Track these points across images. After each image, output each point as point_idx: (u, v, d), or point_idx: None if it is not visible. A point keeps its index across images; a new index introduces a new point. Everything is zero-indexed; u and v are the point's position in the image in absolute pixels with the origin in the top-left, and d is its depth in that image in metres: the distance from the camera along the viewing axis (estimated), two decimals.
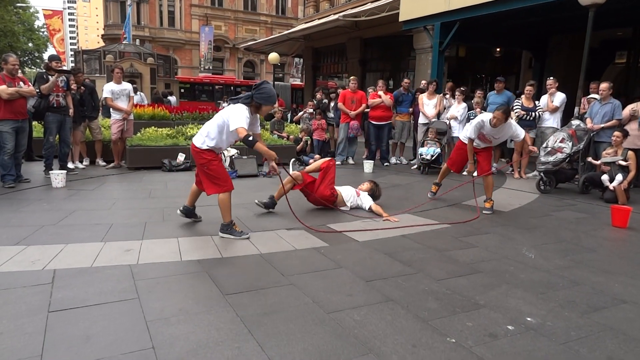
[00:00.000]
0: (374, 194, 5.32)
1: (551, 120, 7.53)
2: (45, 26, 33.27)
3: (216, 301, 2.64)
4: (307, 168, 5.40)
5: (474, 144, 5.34)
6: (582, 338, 2.33)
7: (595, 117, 6.76)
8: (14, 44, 35.90)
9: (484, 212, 5.18)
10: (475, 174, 5.44)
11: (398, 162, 9.31)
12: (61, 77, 6.51)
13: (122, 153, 7.77)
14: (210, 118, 4.23)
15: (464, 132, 5.72)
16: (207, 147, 3.89)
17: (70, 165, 7.10)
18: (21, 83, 5.93)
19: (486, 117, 5.11)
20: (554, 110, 7.46)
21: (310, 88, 20.92)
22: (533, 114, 7.47)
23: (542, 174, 6.44)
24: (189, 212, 4.41)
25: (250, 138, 3.69)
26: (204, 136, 3.92)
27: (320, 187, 4.97)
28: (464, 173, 6.54)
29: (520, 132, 5.27)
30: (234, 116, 3.76)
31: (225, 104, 19.20)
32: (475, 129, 5.17)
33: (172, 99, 17.24)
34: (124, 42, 22.65)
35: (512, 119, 7.45)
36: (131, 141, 7.66)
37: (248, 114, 3.85)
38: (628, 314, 2.64)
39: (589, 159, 6.37)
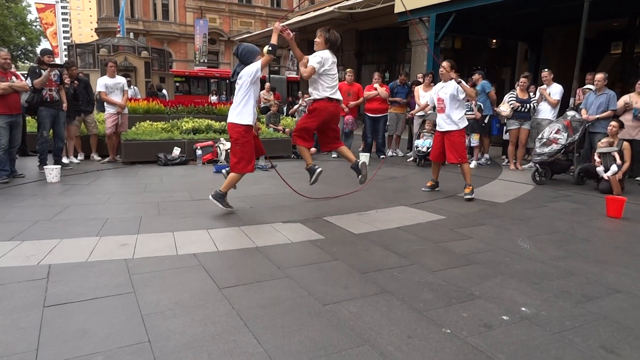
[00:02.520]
0: (330, 39, 4.62)
1: (547, 112, 7.53)
2: (38, 20, 32.97)
3: (212, 294, 2.64)
4: None
5: (436, 121, 5.68)
6: (576, 327, 2.35)
7: (590, 107, 6.78)
8: (6, 38, 35.57)
9: (464, 197, 5.35)
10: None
11: (394, 154, 9.31)
12: (54, 71, 6.46)
13: (117, 147, 7.73)
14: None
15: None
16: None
17: (64, 160, 7.06)
18: (13, 78, 5.88)
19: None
20: (555, 104, 7.47)
21: (305, 81, 20.84)
22: (528, 105, 7.47)
23: (537, 165, 6.46)
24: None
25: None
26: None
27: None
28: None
29: (462, 87, 5.30)
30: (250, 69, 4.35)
31: (214, 97, 19.05)
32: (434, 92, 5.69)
33: (164, 92, 17.12)
34: (117, 36, 22.46)
35: (505, 108, 7.50)
36: (126, 135, 7.63)
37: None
38: (622, 303, 2.66)
39: (597, 161, 6.08)
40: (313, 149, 8.82)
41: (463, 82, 5.37)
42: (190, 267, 3.08)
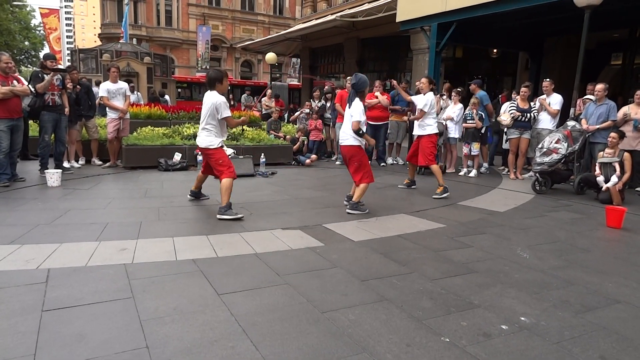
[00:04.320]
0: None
1: (547, 122, 7.55)
2: (41, 25, 33.14)
3: (211, 300, 2.64)
4: None
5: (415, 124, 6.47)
6: (576, 337, 2.34)
7: (591, 118, 6.79)
8: (10, 42, 35.75)
9: (433, 197, 5.78)
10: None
11: (395, 162, 9.32)
12: (56, 76, 6.49)
13: (118, 152, 7.74)
14: None
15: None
16: None
17: (65, 164, 7.07)
18: (15, 82, 5.90)
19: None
20: (555, 114, 7.49)
21: (307, 88, 20.93)
22: (528, 115, 7.49)
23: (537, 174, 6.46)
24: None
25: None
26: None
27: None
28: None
29: (420, 103, 6.20)
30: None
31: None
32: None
33: (167, 98, 17.17)
34: (120, 42, 22.58)
35: (505, 117, 7.51)
36: (127, 140, 7.64)
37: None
38: (621, 313, 2.66)
39: (598, 176, 6.02)
40: (313, 156, 8.89)
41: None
42: (189, 273, 3.08)
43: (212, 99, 4.65)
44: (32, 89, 6.21)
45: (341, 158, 8.96)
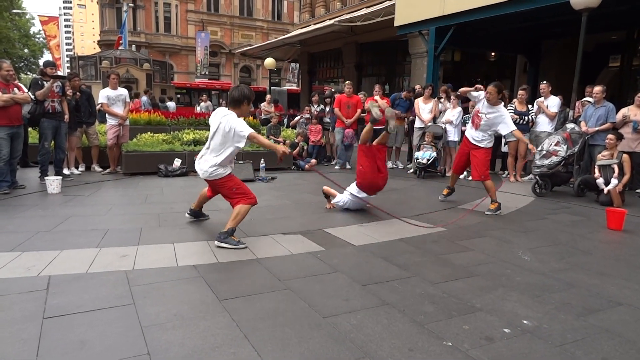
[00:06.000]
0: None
1: (545, 124, 7.56)
2: (41, 32, 33.25)
3: (212, 306, 2.63)
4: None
5: (467, 134, 5.60)
6: (578, 340, 2.33)
7: (590, 120, 6.80)
8: (9, 50, 35.83)
9: (486, 212, 5.28)
10: (470, 178, 5.52)
11: (394, 166, 9.33)
12: (56, 83, 6.50)
13: (118, 159, 7.75)
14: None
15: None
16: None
17: (65, 171, 7.07)
18: (15, 89, 5.92)
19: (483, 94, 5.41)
20: (553, 117, 7.50)
21: (306, 93, 20.96)
22: (526, 118, 7.51)
23: (537, 177, 6.46)
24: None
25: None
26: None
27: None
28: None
29: (510, 125, 5.34)
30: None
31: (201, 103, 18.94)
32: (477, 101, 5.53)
33: (171, 104, 17.16)
34: (120, 48, 22.64)
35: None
36: (127, 147, 7.65)
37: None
38: (624, 316, 2.65)
39: (597, 178, 5.99)
40: (313, 160, 8.89)
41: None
42: (190, 279, 3.07)
43: (228, 120, 3.77)
44: (32, 96, 6.22)
45: (340, 162, 9.03)
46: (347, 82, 9.38)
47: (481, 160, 5.46)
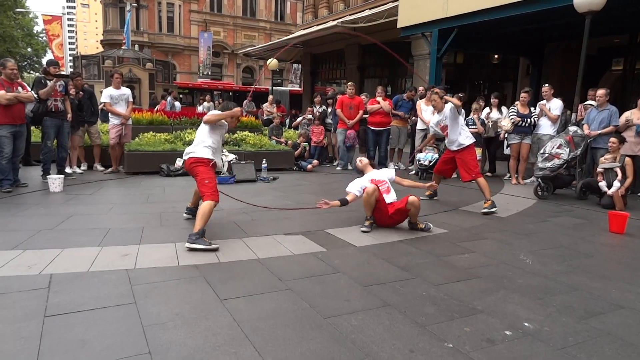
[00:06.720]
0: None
1: (547, 127, 7.55)
2: (44, 31, 33.32)
3: (213, 306, 2.63)
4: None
5: (447, 145, 5.78)
6: (580, 343, 2.33)
7: (592, 123, 6.79)
8: (12, 49, 35.90)
9: (482, 211, 5.28)
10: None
11: (396, 167, 9.32)
12: (59, 82, 6.52)
13: (120, 158, 7.76)
14: None
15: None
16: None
17: (67, 170, 7.09)
18: (19, 88, 5.93)
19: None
20: (555, 120, 7.49)
21: (308, 94, 20.97)
22: (529, 120, 7.50)
23: (539, 179, 6.45)
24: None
25: None
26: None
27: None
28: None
29: (457, 119, 5.51)
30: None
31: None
32: (435, 122, 5.81)
33: (177, 104, 17.09)
34: (123, 48, 22.69)
35: (506, 123, 7.51)
36: (129, 146, 7.66)
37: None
38: (625, 319, 2.64)
39: (600, 181, 6.00)
40: (315, 161, 8.90)
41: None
42: (191, 278, 3.07)
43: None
44: (35, 95, 6.24)
45: (342, 164, 9.03)
46: (349, 83, 9.38)
47: (468, 161, 5.57)
